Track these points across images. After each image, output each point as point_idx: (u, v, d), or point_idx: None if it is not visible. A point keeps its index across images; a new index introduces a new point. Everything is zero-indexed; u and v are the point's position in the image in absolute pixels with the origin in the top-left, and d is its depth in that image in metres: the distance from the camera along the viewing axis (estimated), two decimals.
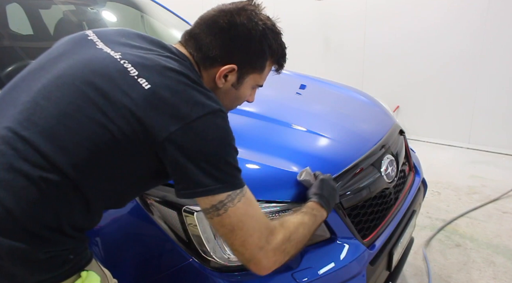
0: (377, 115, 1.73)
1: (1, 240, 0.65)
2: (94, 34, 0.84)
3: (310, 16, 4.42)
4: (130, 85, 0.71)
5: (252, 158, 1.15)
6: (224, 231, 0.76)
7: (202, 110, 0.72)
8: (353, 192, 1.20)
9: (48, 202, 0.68)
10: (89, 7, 2.08)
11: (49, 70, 0.76)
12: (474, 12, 3.49)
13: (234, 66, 0.85)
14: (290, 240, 0.82)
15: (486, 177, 3.11)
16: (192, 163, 0.71)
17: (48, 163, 0.67)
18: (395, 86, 4.09)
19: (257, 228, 0.77)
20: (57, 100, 0.70)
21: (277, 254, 0.79)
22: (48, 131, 0.68)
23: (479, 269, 2.01)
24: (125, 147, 0.70)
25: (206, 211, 0.75)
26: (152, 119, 0.69)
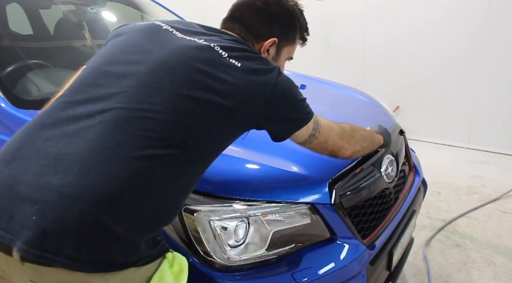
0: (377, 115, 1.73)
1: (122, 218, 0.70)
2: (167, 25, 0.93)
3: (310, 16, 4.38)
4: (227, 66, 0.84)
5: (252, 158, 1.15)
6: (321, 146, 1.01)
7: (276, 72, 0.88)
8: (353, 192, 1.20)
9: (170, 179, 0.77)
10: (89, 7, 2.08)
11: (146, 57, 0.83)
12: (474, 12, 3.49)
13: (276, 39, 1.00)
14: (355, 131, 1.12)
15: (486, 177, 3.11)
16: (288, 110, 0.90)
17: (171, 139, 0.76)
18: (395, 86, 4.09)
19: (335, 130, 1.04)
20: (171, 83, 0.79)
21: (350, 140, 1.08)
22: (171, 110, 0.77)
23: (479, 269, 2.01)
24: (235, 116, 0.84)
25: (307, 140, 0.98)
26: (250, 89, 0.84)
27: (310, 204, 1.10)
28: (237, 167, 1.12)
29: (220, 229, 1.00)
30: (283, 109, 0.89)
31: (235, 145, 1.20)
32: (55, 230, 0.67)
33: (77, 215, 0.67)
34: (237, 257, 1.01)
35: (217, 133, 0.84)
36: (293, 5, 1.04)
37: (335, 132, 1.04)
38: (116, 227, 0.69)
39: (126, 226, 0.70)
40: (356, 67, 4.28)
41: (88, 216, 0.68)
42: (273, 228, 1.05)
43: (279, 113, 0.89)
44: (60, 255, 0.67)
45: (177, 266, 0.81)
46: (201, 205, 1.00)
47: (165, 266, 0.79)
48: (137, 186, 0.72)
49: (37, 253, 0.66)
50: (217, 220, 1.00)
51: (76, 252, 0.67)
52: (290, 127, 0.93)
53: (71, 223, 0.67)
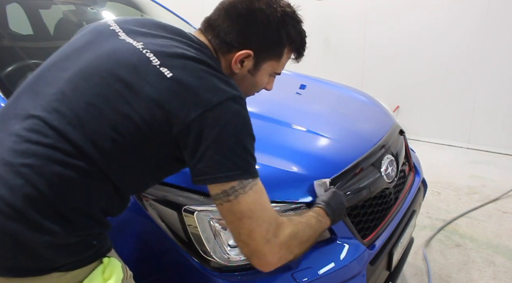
0: (377, 115, 1.73)
1: (38, 221, 0.67)
2: (116, 25, 0.85)
3: (310, 16, 4.42)
4: (153, 75, 0.73)
5: None
6: (232, 218, 0.76)
7: (222, 96, 0.73)
8: (353, 192, 1.20)
9: (80, 187, 0.70)
10: (89, 7, 2.08)
11: (74, 62, 0.78)
12: (474, 12, 3.49)
13: (250, 52, 0.85)
14: (297, 237, 0.82)
15: (486, 177, 3.11)
16: (211, 148, 0.72)
17: (78, 151, 0.70)
18: (395, 86, 4.09)
19: (266, 219, 0.77)
20: (84, 91, 0.73)
21: (282, 250, 0.79)
22: (76, 121, 0.71)
23: (479, 269, 2.01)
24: (149, 136, 0.73)
25: (216, 196, 0.75)
26: (174, 107, 0.71)
27: (310, 204, 1.10)
28: None
29: (220, 229, 1.00)
30: (210, 144, 0.72)
31: None
32: None
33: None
34: (237, 257, 1.01)
35: (132, 155, 0.74)
36: (283, 15, 0.87)
37: (264, 224, 0.76)
38: (22, 235, 0.66)
39: (33, 234, 0.67)
40: (356, 67, 4.28)
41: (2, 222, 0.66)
42: None
43: (202, 146, 0.72)
44: None
45: (109, 272, 0.75)
46: (201, 205, 1.00)
47: (98, 271, 0.74)
48: (40, 195, 0.68)
49: None
50: (217, 220, 1.00)
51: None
52: (205, 171, 0.73)
53: None
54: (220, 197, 0.75)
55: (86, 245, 0.73)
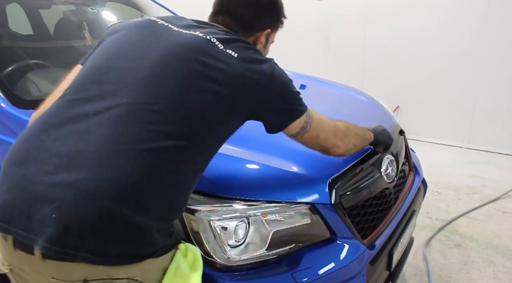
0: (377, 115, 1.73)
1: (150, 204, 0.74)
2: (162, 20, 0.95)
3: (310, 16, 4.42)
4: (225, 55, 0.86)
5: (252, 158, 1.15)
6: (313, 140, 1.02)
7: (271, 62, 0.92)
8: (353, 192, 1.20)
9: (182, 166, 0.79)
10: (89, 7, 2.08)
11: (146, 52, 0.85)
12: (474, 12, 3.49)
13: (269, 30, 1.05)
14: (349, 129, 1.13)
15: (486, 177, 3.11)
16: (283, 100, 0.92)
17: (180, 131, 0.79)
18: (395, 86, 4.09)
19: (328, 126, 1.05)
20: (173, 76, 0.82)
21: (343, 138, 1.09)
22: (176, 102, 0.80)
23: (479, 269, 2.01)
24: (233, 104, 0.86)
25: (298, 133, 0.98)
26: (248, 77, 0.86)
27: (310, 204, 1.10)
28: (237, 167, 1.12)
29: (220, 229, 1.00)
30: (279, 99, 0.92)
31: (235, 145, 1.21)
32: (75, 226, 0.69)
33: (95, 209, 0.69)
34: (237, 257, 1.01)
35: (220, 122, 0.86)
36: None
37: (328, 128, 1.05)
38: (133, 219, 0.72)
39: (143, 217, 0.73)
40: (356, 67, 4.28)
41: (106, 210, 0.70)
42: (273, 228, 1.05)
43: (275, 103, 0.91)
44: (82, 250, 0.69)
45: (191, 256, 0.85)
46: (201, 205, 1.00)
47: (179, 256, 0.82)
48: (150, 177, 0.74)
49: (59, 249, 0.68)
50: (217, 220, 1.00)
51: (97, 246, 0.70)
52: (285, 118, 0.95)
53: (90, 218, 0.69)
54: (300, 132, 0.98)
55: (168, 232, 0.82)
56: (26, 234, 0.70)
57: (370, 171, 1.29)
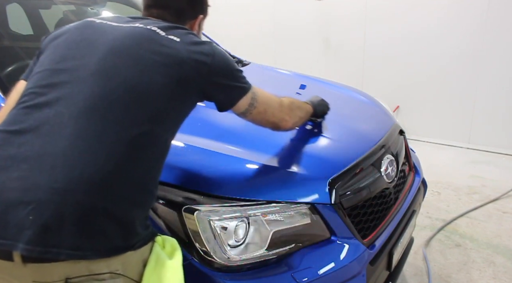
0: (377, 115, 1.73)
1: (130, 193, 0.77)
2: (99, 19, 0.97)
3: (310, 16, 4.42)
4: (169, 41, 0.90)
5: (252, 158, 1.15)
6: (261, 116, 1.06)
7: (211, 44, 0.96)
8: (353, 192, 1.20)
9: (148, 155, 0.82)
10: (89, 7, 2.08)
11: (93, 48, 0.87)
12: (474, 12, 3.49)
13: (202, 16, 1.10)
14: (293, 103, 1.20)
15: (486, 177, 3.11)
16: (228, 78, 0.97)
17: (139, 118, 0.81)
18: (395, 86, 4.09)
19: (274, 102, 1.10)
20: (124, 66, 0.84)
21: (289, 113, 1.15)
22: (132, 90, 0.82)
23: (479, 269, 2.01)
24: (187, 85, 0.90)
25: (247, 110, 1.02)
26: (193, 58, 0.90)
27: (310, 204, 1.10)
28: (237, 167, 1.12)
29: (220, 229, 1.00)
30: (225, 78, 0.96)
31: (235, 145, 1.21)
32: (55, 224, 0.70)
33: (73, 205, 0.71)
34: (237, 257, 1.01)
35: (175, 105, 0.89)
36: None
37: (275, 104, 1.10)
38: (111, 210, 0.74)
39: (121, 206, 0.76)
40: (356, 67, 4.28)
41: (84, 205, 0.72)
42: (273, 228, 1.05)
43: (222, 81, 0.95)
44: (63, 247, 0.70)
45: (169, 247, 0.87)
46: (201, 205, 1.00)
47: (158, 248, 0.84)
48: (121, 167, 0.77)
49: (41, 249, 0.69)
50: (217, 220, 1.00)
51: (78, 241, 0.71)
52: (233, 95, 0.99)
53: (69, 214, 0.71)
54: (249, 109, 1.02)
55: (145, 224, 0.84)
56: (4, 242, 0.69)
57: (370, 171, 1.29)
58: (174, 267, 0.83)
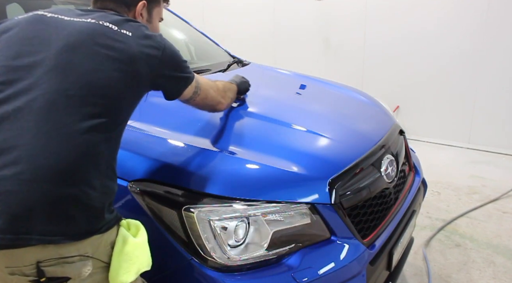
0: (377, 115, 1.73)
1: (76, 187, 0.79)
2: (50, 13, 0.97)
3: (310, 16, 4.42)
4: (121, 36, 0.93)
5: (252, 158, 1.15)
6: (203, 102, 1.17)
7: (161, 37, 1.00)
8: (353, 192, 1.20)
9: (107, 143, 0.86)
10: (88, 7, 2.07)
11: (47, 44, 0.89)
12: (474, 12, 3.49)
13: (144, 2, 1.10)
14: (225, 86, 1.33)
15: (486, 177, 3.11)
16: (177, 70, 1.03)
17: (96, 109, 0.84)
18: (395, 86, 4.09)
19: (212, 87, 1.21)
20: (80, 61, 0.87)
21: (224, 95, 1.28)
22: (89, 84, 0.85)
23: (479, 269, 2.01)
24: (133, 78, 0.92)
25: (191, 98, 1.11)
26: (145, 52, 0.94)
27: (310, 204, 1.10)
28: (237, 167, 1.12)
29: (220, 229, 1.00)
30: (174, 69, 1.02)
31: (235, 145, 1.21)
32: (23, 212, 0.74)
33: (40, 193, 0.75)
34: (237, 257, 1.01)
35: (129, 96, 0.94)
36: None
37: (213, 89, 1.20)
38: (77, 196, 0.78)
39: (85, 193, 0.79)
40: (356, 67, 4.28)
41: (50, 192, 0.76)
42: (273, 228, 1.05)
43: (171, 73, 1.01)
44: (33, 233, 0.74)
45: (134, 228, 0.92)
46: (201, 205, 1.00)
47: (123, 230, 0.89)
48: (83, 155, 0.81)
49: (12, 237, 0.73)
50: (217, 220, 1.00)
51: (48, 227, 0.75)
52: (181, 85, 1.06)
53: (36, 202, 0.74)
54: (193, 96, 1.11)
55: (110, 210, 0.87)
56: None
57: (370, 171, 1.29)
58: (140, 245, 0.89)
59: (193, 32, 2.51)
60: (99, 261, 0.83)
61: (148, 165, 1.08)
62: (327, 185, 1.13)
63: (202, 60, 2.36)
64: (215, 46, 2.46)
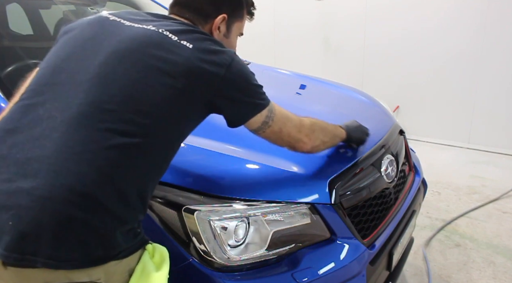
0: (377, 115, 1.73)
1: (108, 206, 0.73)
2: (115, 16, 0.93)
3: (310, 16, 4.42)
4: (179, 48, 0.84)
5: (252, 158, 1.15)
6: (276, 135, 1.00)
7: (230, 53, 0.89)
8: (353, 192, 1.20)
9: (136, 165, 0.78)
10: (89, 7, 2.08)
11: (97, 50, 0.84)
12: (474, 12, 3.49)
13: (225, 15, 1.01)
14: (316, 124, 1.10)
15: (486, 177, 3.11)
16: (243, 93, 0.90)
17: (132, 128, 0.77)
18: (395, 86, 4.09)
19: (292, 121, 1.02)
20: (125, 72, 0.80)
21: (309, 134, 1.06)
22: (127, 99, 0.78)
23: (479, 269, 2.01)
24: (186, 98, 0.84)
25: (260, 128, 0.96)
26: (204, 69, 0.84)
27: (310, 204, 1.10)
28: (237, 167, 1.12)
29: (220, 229, 1.00)
30: (239, 92, 0.89)
31: (235, 145, 1.21)
32: (32, 231, 0.68)
33: (51, 214, 0.69)
34: (237, 257, 1.01)
35: (177, 117, 0.84)
36: None
37: (292, 124, 1.02)
38: (91, 221, 0.71)
39: (101, 219, 0.72)
40: (356, 67, 4.28)
41: (62, 214, 0.70)
42: (273, 228, 1.05)
43: (235, 96, 0.89)
44: (40, 255, 0.68)
45: (158, 256, 0.83)
46: (201, 205, 1.00)
47: (146, 257, 0.81)
48: (105, 178, 0.73)
49: (17, 256, 0.68)
50: (217, 220, 1.00)
51: (55, 251, 0.69)
52: (246, 112, 0.92)
53: (46, 223, 0.69)
54: (262, 127, 0.96)
55: (134, 232, 0.79)
56: None
57: (370, 171, 1.29)
58: (159, 279, 0.80)
59: None
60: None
61: None
62: (327, 185, 1.13)
63: None
64: None
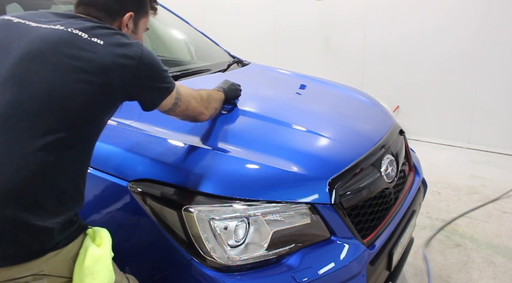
0: (377, 115, 1.73)
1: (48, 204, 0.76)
2: (18, 18, 0.91)
3: (310, 16, 4.42)
4: (90, 45, 0.86)
5: (252, 158, 1.15)
6: (184, 113, 1.10)
7: (139, 44, 0.93)
8: (353, 192, 1.20)
9: (63, 164, 0.80)
10: None
11: (6, 52, 0.83)
12: (474, 12, 3.49)
13: (132, 13, 1.03)
14: (210, 96, 1.25)
15: (486, 177, 3.11)
16: (155, 80, 0.96)
17: (54, 124, 0.78)
18: (395, 86, 4.09)
19: (194, 97, 1.14)
20: (39, 72, 0.81)
21: (207, 106, 1.21)
22: (48, 96, 0.79)
23: (479, 269, 2.01)
24: (108, 90, 0.86)
25: (172, 108, 1.04)
26: (118, 62, 0.87)
27: (310, 204, 1.10)
28: (237, 167, 1.12)
29: (220, 229, 1.00)
30: (151, 80, 0.95)
31: (235, 145, 1.21)
32: None
33: None
34: (237, 257, 1.01)
35: (95, 109, 0.86)
36: None
37: (196, 99, 1.13)
38: (24, 219, 0.73)
39: (34, 215, 0.75)
40: (356, 67, 4.28)
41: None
42: (273, 228, 1.05)
43: (148, 83, 0.94)
44: None
45: (99, 238, 0.86)
46: (201, 205, 1.00)
47: (88, 241, 0.85)
48: (34, 176, 0.75)
49: None
50: (217, 220, 1.00)
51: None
52: (158, 96, 0.99)
53: None
54: (173, 108, 1.05)
55: (70, 221, 0.83)
56: None
57: (370, 171, 1.29)
58: (101, 257, 0.83)
59: (193, 32, 2.51)
60: (58, 278, 0.79)
61: (148, 165, 1.08)
62: (327, 185, 1.13)
63: (202, 60, 2.37)
64: (215, 46, 2.46)
